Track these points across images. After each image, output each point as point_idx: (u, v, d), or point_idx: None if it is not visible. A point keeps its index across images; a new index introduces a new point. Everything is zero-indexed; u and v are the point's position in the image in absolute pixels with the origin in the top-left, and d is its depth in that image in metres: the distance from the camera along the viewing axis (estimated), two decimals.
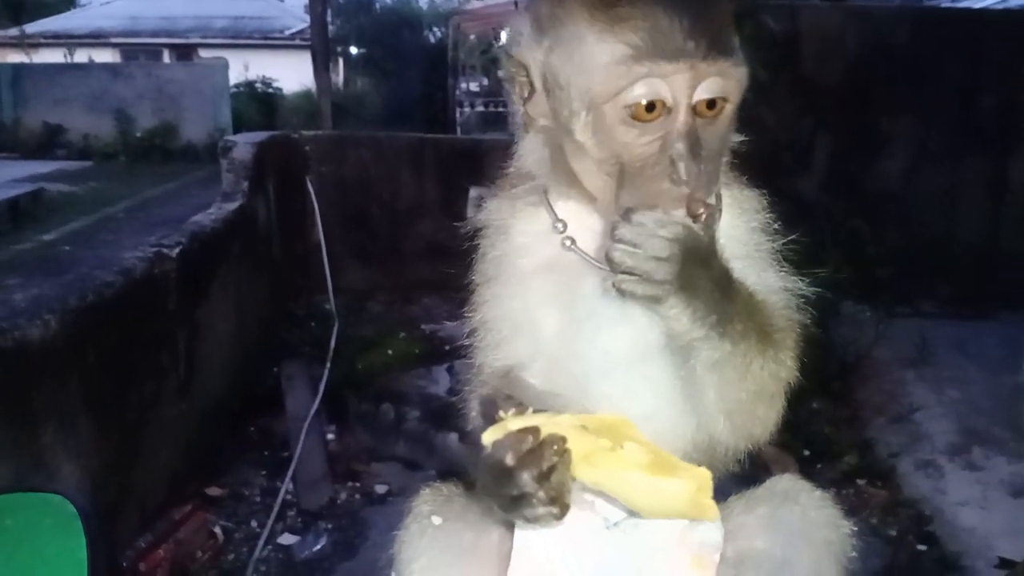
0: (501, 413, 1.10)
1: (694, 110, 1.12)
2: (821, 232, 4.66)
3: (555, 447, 1.07)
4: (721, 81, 1.12)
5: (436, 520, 1.33)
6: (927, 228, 5.97)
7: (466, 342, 1.40)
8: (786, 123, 5.53)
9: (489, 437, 1.10)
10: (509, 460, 1.07)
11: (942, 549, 3.44)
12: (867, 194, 6.03)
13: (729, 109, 1.17)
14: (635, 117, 1.12)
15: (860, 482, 3.96)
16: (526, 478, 1.07)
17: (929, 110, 6.10)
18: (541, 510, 1.09)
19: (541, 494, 1.08)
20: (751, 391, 1.19)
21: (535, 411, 1.10)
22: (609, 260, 1.08)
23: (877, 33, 6.18)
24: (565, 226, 1.27)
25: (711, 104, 1.13)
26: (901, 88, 6.06)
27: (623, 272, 1.07)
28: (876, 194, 6.05)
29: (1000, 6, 9.21)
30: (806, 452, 4.08)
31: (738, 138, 1.26)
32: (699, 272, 1.10)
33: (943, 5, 10.24)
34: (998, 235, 6.07)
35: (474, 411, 1.38)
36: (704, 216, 1.09)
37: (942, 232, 6.00)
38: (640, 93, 1.11)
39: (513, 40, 1.25)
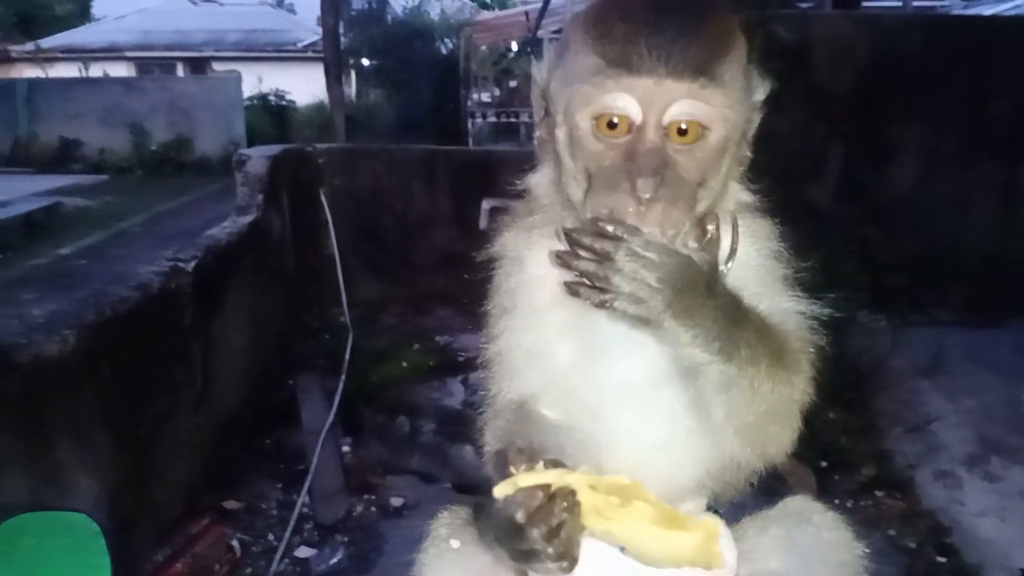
0: (512, 468, 1.12)
1: (667, 133, 1.12)
2: (834, 240, 4.65)
3: (564, 503, 1.09)
4: (695, 104, 1.11)
5: (454, 543, 1.34)
6: (939, 235, 5.94)
7: (482, 372, 1.42)
8: (798, 131, 5.52)
9: (500, 492, 1.12)
10: (520, 517, 1.10)
11: (961, 560, 3.42)
12: (879, 202, 6.02)
13: (712, 140, 1.14)
14: (601, 130, 1.13)
15: (878, 494, 3.94)
16: (536, 535, 1.10)
17: (940, 117, 6.09)
18: (551, 565, 1.12)
19: (550, 551, 1.10)
20: (761, 412, 1.18)
21: (547, 461, 1.12)
22: (587, 274, 1.07)
23: (888, 41, 6.17)
24: None
25: (685, 129, 1.12)
26: (912, 95, 6.04)
27: (612, 292, 1.06)
28: (888, 202, 6.03)
29: (1011, 13, 9.19)
30: (823, 463, 4.06)
31: (741, 165, 1.25)
32: (698, 299, 1.08)
33: (954, 12, 10.22)
34: (1010, 242, 6.03)
35: (489, 446, 1.38)
36: (705, 243, 1.09)
37: (954, 239, 5.97)
38: (605, 105, 1.12)
39: (539, 65, 1.28)
